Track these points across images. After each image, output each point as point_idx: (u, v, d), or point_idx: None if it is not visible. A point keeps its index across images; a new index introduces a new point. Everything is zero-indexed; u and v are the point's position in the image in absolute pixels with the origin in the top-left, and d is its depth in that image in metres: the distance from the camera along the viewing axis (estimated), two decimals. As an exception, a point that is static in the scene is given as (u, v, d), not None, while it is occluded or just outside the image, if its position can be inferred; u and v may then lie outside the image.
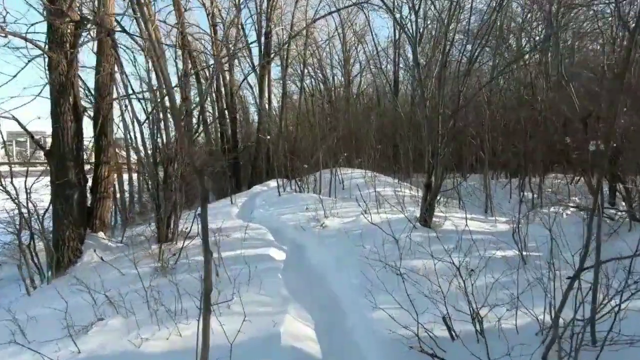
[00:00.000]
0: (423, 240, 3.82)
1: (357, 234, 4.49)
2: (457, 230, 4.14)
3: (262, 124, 13.57)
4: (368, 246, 3.91)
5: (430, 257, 3.23)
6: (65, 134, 5.58)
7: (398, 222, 4.56)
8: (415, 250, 3.61)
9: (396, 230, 4.09)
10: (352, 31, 23.35)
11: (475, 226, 4.50)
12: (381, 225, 4.62)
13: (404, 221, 4.42)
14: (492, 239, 3.97)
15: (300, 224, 5.82)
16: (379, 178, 10.68)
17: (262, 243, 4.91)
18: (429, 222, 4.31)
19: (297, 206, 7.35)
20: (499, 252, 3.58)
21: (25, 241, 5.46)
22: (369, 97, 24.60)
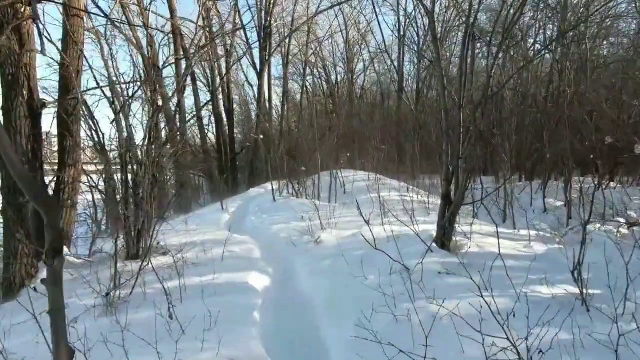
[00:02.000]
0: (442, 270, 2.91)
1: (358, 256, 3.60)
2: (483, 253, 3.24)
3: (260, 124, 12.71)
4: (371, 277, 3.01)
5: (455, 297, 2.34)
6: (17, 133, 4.74)
7: (408, 240, 3.66)
8: (434, 284, 2.70)
9: (407, 254, 3.19)
10: (356, 29, 22.47)
11: (504, 247, 3.58)
12: (387, 244, 3.73)
13: (415, 240, 3.52)
14: (531, 266, 3.06)
15: (292, 237, 4.94)
16: (383, 181, 9.77)
17: (244, 264, 4.03)
18: (447, 243, 3.40)
19: (292, 214, 6.47)
20: (545, 289, 2.67)
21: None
22: (372, 95, 23.70)
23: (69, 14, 5.51)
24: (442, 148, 3.59)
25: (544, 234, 4.69)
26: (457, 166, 3.35)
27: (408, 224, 4.55)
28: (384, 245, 3.74)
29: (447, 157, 3.39)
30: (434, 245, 3.40)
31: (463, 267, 2.74)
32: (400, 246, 3.49)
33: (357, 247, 4.15)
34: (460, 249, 3.37)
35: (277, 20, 15.63)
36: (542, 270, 2.94)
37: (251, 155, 15.06)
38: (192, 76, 13.16)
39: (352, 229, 5.27)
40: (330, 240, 4.63)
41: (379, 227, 4.95)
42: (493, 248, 3.43)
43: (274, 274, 3.79)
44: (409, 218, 5.87)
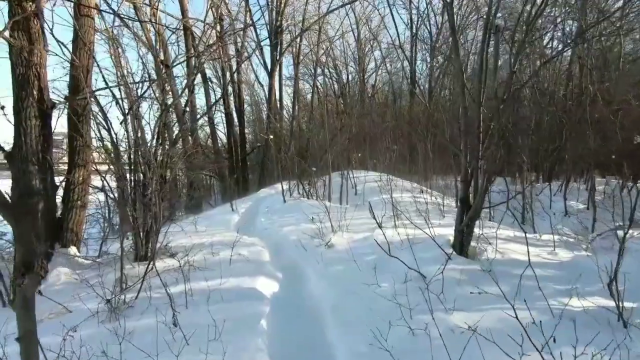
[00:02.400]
0: (463, 279, 2.72)
1: (370, 261, 3.42)
2: (506, 260, 3.03)
3: (270, 124, 12.61)
4: (385, 285, 2.84)
5: (478, 308, 2.15)
6: (28, 134, 4.71)
7: (423, 245, 3.47)
8: (454, 294, 2.51)
9: (422, 260, 3.01)
10: (367, 27, 22.23)
11: (523, 251, 3.35)
12: (401, 248, 3.54)
13: (431, 245, 3.32)
14: (557, 275, 2.84)
15: (302, 240, 4.79)
16: (395, 182, 9.54)
17: (252, 267, 3.89)
18: (466, 249, 3.20)
19: (302, 215, 6.32)
20: (576, 301, 2.45)
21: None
22: (384, 95, 23.41)
23: (78, 14, 5.47)
24: (459, 148, 3.39)
25: (567, 238, 4.44)
26: (476, 167, 3.15)
27: (422, 227, 4.36)
28: (398, 250, 3.56)
29: (465, 157, 3.19)
30: (452, 251, 3.20)
31: (484, 276, 2.55)
32: (415, 251, 3.30)
33: (369, 251, 3.98)
34: (480, 255, 3.16)
35: (288, 20, 15.52)
36: (569, 280, 2.73)
37: (262, 155, 14.98)
38: (203, 76, 13.13)
39: (363, 231, 5.09)
40: (341, 243, 4.47)
41: (392, 230, 4.76)
42: (515, 254, 3.22)
43: (283, 279, 3.65)
44: (422, 220, 5.67)
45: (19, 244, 4.83)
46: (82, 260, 5.09)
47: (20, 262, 4.79)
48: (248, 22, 13.95)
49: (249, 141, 18.24)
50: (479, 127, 3.10)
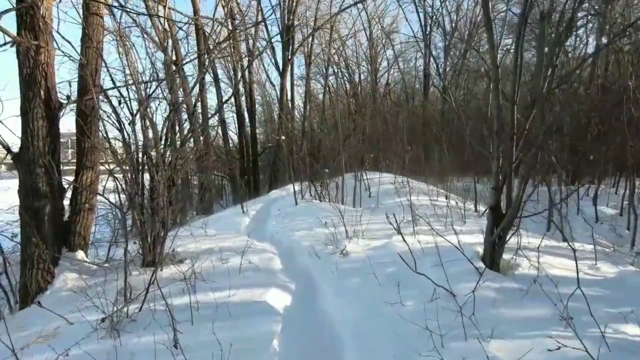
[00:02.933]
0: (498, 298, 2.41)
1: (390, 274, 3.14)
2: (544, 276, 2.70)
3: (282, 124, 12.39)
4: (409, 304, 2.55)
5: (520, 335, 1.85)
6: (35, 135, 4.57)
7: (448, 256, 3.16)
8: (489, 317, 2.21)
9: (449, 275, 2.70)
10: (380, 26, 21.86)
11: (564, 266, 3.02)
12: (424, 259, 3.25)
13: (456, 255, 3.02)
14: (605, 294, 2.51)
15: (315, 247, 4.53)
16: (410, 184, 9.20)
17: (262, 277, 3.65)
18: (497, 262, 2.89)
19: (315, 219, 6.07)
20: (632, 328, 2.12)
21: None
22: (396, 95, 23.00)
23: (87, 12, 5.33)
24: (489, 151, 3.08)
25: (602, 248, 4.07)
26: (509, 173, 2.83)
27: (442, 234, 4.04)
28: (420, 260, 3.26)
29: (497, 162, 2.87)
30: (482, 265, 2.89)
31: (522, 295, 2.24)
32: (442, 264, 3.00)
33: (389, 260, 3.69)
34: (514, 270, 2.85)
35: (300, 19, 15.29)
36: (620, 301, 2.40)
37: (273, 156, 14.79)
38: (215, 76, 13.01)
39: (380, 237, 4.81)
40: (357, 251, 4.19)
41: (411, 237, 4.46)
42: (554, 269, 2.89)
43: (296, 291, 3.39)
44: (442, 226, 5.35)
45: (25, 249, 4.73)
46: (89, 264, 4.94)
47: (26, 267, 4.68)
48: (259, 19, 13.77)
49: (260, 141, 18.09)
50: (513, 128, 2.78)
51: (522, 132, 2.82)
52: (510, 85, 2.73)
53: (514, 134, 2.80)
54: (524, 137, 2.85)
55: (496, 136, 2.82)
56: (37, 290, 4.54)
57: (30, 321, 3.32)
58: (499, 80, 2.68)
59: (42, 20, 4.64)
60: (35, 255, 4.54)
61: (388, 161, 13.13)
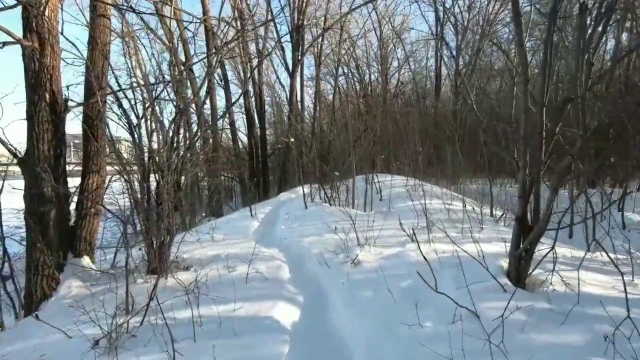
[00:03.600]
0: (528, 321, 2.17)
1: (406, 288, 2.91)
2: (576, 294, 2.44)
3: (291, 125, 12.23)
4: (427, 324, 2.32)
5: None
6: (40, 138, 4.48)
7: (468, 268, 2.92)
8: (520, 344, 1.98)
9: (473, 292, 2.47)
10: (390, 26, 21.55)
11: (596, 282, 2.76)
12: (442, 272, 3.02)
13: (477, 268, 2.78)
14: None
15: (325, 254, 4.33)
16: (423, 187, 8.92)
17: (270, 288, 3.46)
18: (523, 278, 2.64)
19: (325, 224, 5.86)
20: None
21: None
22: (407, 95, 22.65)
23: (94, 14, 5.24)
24: (513, 157, 2.83)
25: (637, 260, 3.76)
26: (537, 180, 2.58)
27: (460, 242, 3.81)
28: (438, 274, 3.03)
29: (523, 169, 2.62)
30: (507, 282, 2.65)
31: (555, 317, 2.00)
32: (459, 277, 2.77)
33: (403, 271, 3.46)
34: (543, 287, 2.60)
35: (309, 19, 15.10)
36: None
37: (283, 157, 14.64)
38: (225, 77, 12.91)
39: (394, 245, 4.58)
40: (369, 260, 3.97)
41: (426, 245, 4.22)
42: (587, 286, 2.63)
43: (305, 304, 3.19)
44: (458, 232, 5.09)
45: (30, 254, 4.64)
46: (95, 271, 4.83)
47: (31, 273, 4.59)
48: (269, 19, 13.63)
49: (270, 143, 17.97)
50: (542, 132, 2.54)
51: (552, 136, 2.57)
52: (535, 87, 2.48)
53: (542, 139, 2.55)
54: (553, 142, 2.60)
55: (523, 141, 2.57)
56: (41, 297, 4.44)
57: (30, 332, 3.20)
58: (529, 79, 2.43)
59: (47, 22, 4.56)
60: (40, 261, 4.44)
61: (399, 163, 12.85)
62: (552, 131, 2.56)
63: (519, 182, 2.65)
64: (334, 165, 9.25)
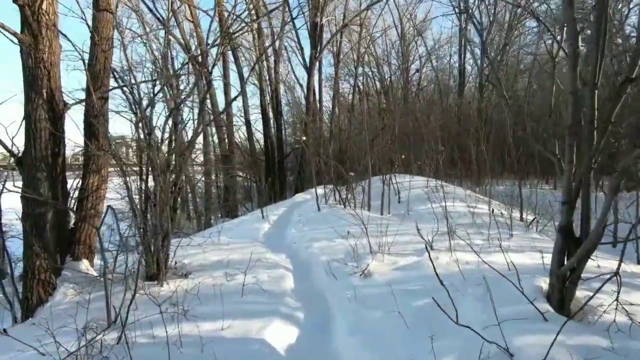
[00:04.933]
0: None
1: (421, 310, 2.43)
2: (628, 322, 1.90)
3: (308, 125, 11.85)
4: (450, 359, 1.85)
5: None
6: (37, 137, 4.27)
7: (497, 287, 2.40)
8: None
9: (503, 319, 1.97)
10: (412, 23, 20.82)
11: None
12: (466, 291, 2.51)
13: (509, 288, 2.27)
14: None
15: (333, 263, 3.89)
16: (445, 188, 8.31)
17: (267, 303, 3.06)
18: (568, 303, 2.10)
19: (337, 228, 5.42)
20: None
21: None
22: (429, 93, 21.83)
23: (97, 6, 5.02)
24: (555, 154, 2.30)
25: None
26: (587, 182, 2.05)
27: (486, 251, 3.27)
28: (460, 292, 2.53)
29: (569, 167, 2.09)
30: (547, 308, 2.12)
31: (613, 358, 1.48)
32: (488, 299, 2.27)
33: (419, 286, 2.98)
34: (594, 315, 2.05)
35: (328, 16, 14.67)
36: None
37: (299, 158, 14.29)
38: (240, 75, 12.69)
39: (410, 253, 4.08)
40: (381, 271, 3.50)
41: (447, 255, 3.71)
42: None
43: (305, 323, 2.75)
44: (484, 239, 4.53)
45: (26, 257, 4.45)
46: (93, 275, 4.58)
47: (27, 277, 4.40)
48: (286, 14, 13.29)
49: (288, 143, 17.67)
50: (594, 121, 2.00)
51: (606, 127, 2.03)
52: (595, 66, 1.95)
53: (593, 129, 2.01)
54: (608, 133, 2.05)
55: (570, 133, 2.04)
56: (37, 302, 4.22)
57: (8, 346, 2.94)
58: (579, 54, 1.91)
59: (45, 16, 4.35)
60: (36, 265, 4.23)
61: (419, 163, 12.22)
62: (607, 120, 2.01)
63: (564, 184, 2.11)
64: (350, 165, 8.78)
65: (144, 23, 7.16)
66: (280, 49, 14.03)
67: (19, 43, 4.27)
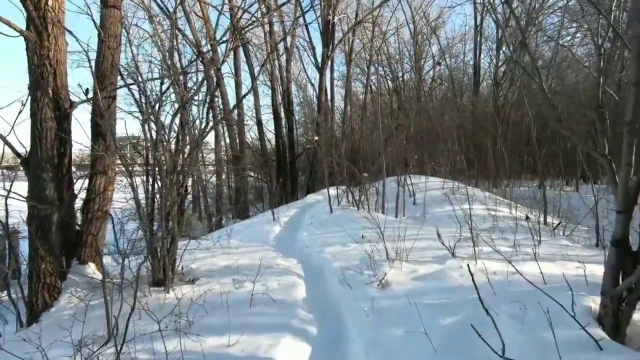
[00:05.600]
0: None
1: (450, 330, 2.16)
2: None
3: (319, 124, 11.60)
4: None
5: None
6: (43, 137, 4.14)
7: (536, 305, 2.12)
8: None
9: (547, 344, 1.69)
10: (425, 21, 20.35)
11: None
12: (498, 307, 2.23)
13: (552, 309, 1.98)
14: None
15: (348, 271, 3.63)
16: (462, 190, 7.95)
17: (278, 315, 2.83)
18: (623, 329, 1.81)
19: (350, 231, 5.16)
20: None
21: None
22: (442, 92, 21.32)
23: (104, 2, 4.88)
24: (603, 155, 1.99)
25: None
26: None
27: (513, 259, 2.97)
28: (492, 310, 2.25)
29: (627, 170, 1.79)
30: (601, 334, 1.82)
31: None
32: (527, 319, 1.99)
33: (443, 298, 2.70)
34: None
35: (340, 14, 14.38)
36: None
37: (311, 158, 14.05)
38: (252, 74, 12.52)
39: (430, 260, 3.80)
40: (399, 281, 3.23)
41: (470, 264, 3.41)
42: None
43: (317, 340, 2.51)
44: (509, 246, 4.21)
45: (31, 260, 4.33)
46: (97, 278, 4.43)
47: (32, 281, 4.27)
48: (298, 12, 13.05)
49: (300, 143, 17.46)
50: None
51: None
52: None
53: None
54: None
55: (628, 129, 1.74)
56: (42, 306, 4.09)
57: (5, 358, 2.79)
58: None
59: (51, 12, 4.21)
60: (41, 269, 4.10)
61: (434, 164, 11.84)
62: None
63: (619, 190, 1.81)
64: (363, 165, 8.50)
65: (152, 17, 7.04)
66: (291, 47, 13.81)
67: (24, 40, 4.15)
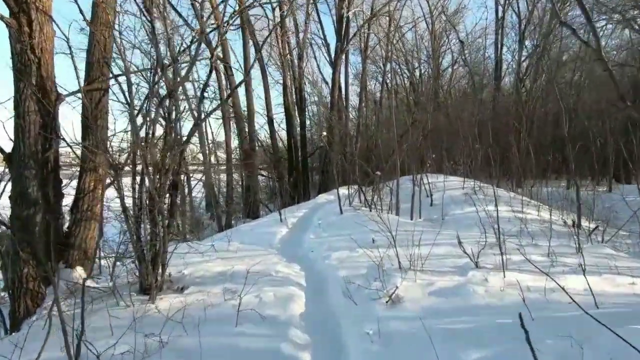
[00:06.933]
0: None
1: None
2: None
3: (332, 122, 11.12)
4: None
5: None
6: (26, 131, 3.83)
7: (597, 343, 1.58)
8: None
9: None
10: (444, 15, 19.52)
11: None
12: (540, 342, 1.70)
13: (614, 345, 1.45)
14: None
15: (354, 281, 3.15)
16: (484, 190, 7.31)
17: (268, 335, 2.38)
18: None
19: (360, 235, 4.67)
20: None
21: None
22: (461, 89, 20.45)
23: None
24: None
25: None
26: None
27: (550, 272, 2.41)
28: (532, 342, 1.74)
29: None
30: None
31: None
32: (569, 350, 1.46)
33: (468, 322, 2.19)
34: None
35: (355, 8, 13.83)
36: None
37: (324, 156, 13.57)
38: (262, 70, 12.16)
39: (449, 270, 3.27)
40: (413, 296, 2.72)
41: (498, 277, 2.88)
42: None
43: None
44: (543, 254, 3.62)
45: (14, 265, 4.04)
46: (89, 284, 4.09)
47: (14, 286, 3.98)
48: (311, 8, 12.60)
49: (313, 142, 17.00)
50: None
51: None
52: None
53: None
54: None
55: None
56: (25, 313, 3.77)
57: None
58: None
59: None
60: (24, 273, 3.78)
61: (452, 163, 11.17)
62: None
63: None
64: (377, 163, 7.97)
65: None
66: (304, 43, 13.37)
67: (7, 27, 3.85)
